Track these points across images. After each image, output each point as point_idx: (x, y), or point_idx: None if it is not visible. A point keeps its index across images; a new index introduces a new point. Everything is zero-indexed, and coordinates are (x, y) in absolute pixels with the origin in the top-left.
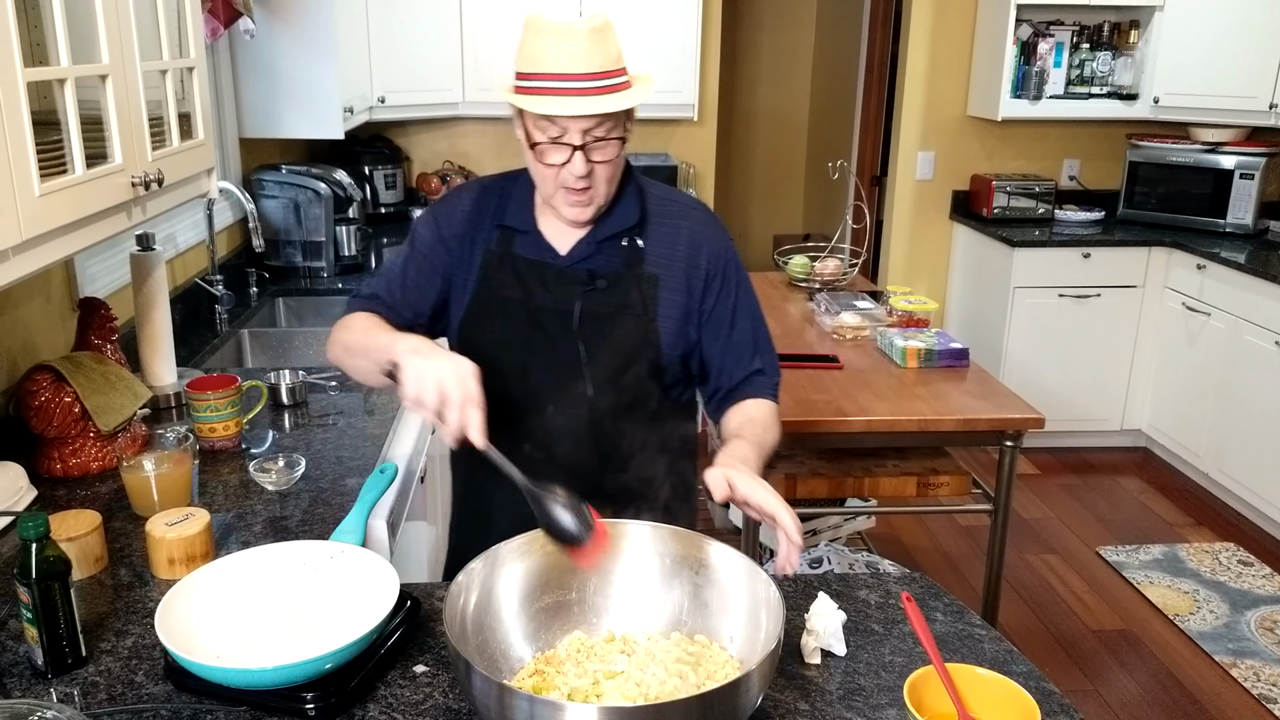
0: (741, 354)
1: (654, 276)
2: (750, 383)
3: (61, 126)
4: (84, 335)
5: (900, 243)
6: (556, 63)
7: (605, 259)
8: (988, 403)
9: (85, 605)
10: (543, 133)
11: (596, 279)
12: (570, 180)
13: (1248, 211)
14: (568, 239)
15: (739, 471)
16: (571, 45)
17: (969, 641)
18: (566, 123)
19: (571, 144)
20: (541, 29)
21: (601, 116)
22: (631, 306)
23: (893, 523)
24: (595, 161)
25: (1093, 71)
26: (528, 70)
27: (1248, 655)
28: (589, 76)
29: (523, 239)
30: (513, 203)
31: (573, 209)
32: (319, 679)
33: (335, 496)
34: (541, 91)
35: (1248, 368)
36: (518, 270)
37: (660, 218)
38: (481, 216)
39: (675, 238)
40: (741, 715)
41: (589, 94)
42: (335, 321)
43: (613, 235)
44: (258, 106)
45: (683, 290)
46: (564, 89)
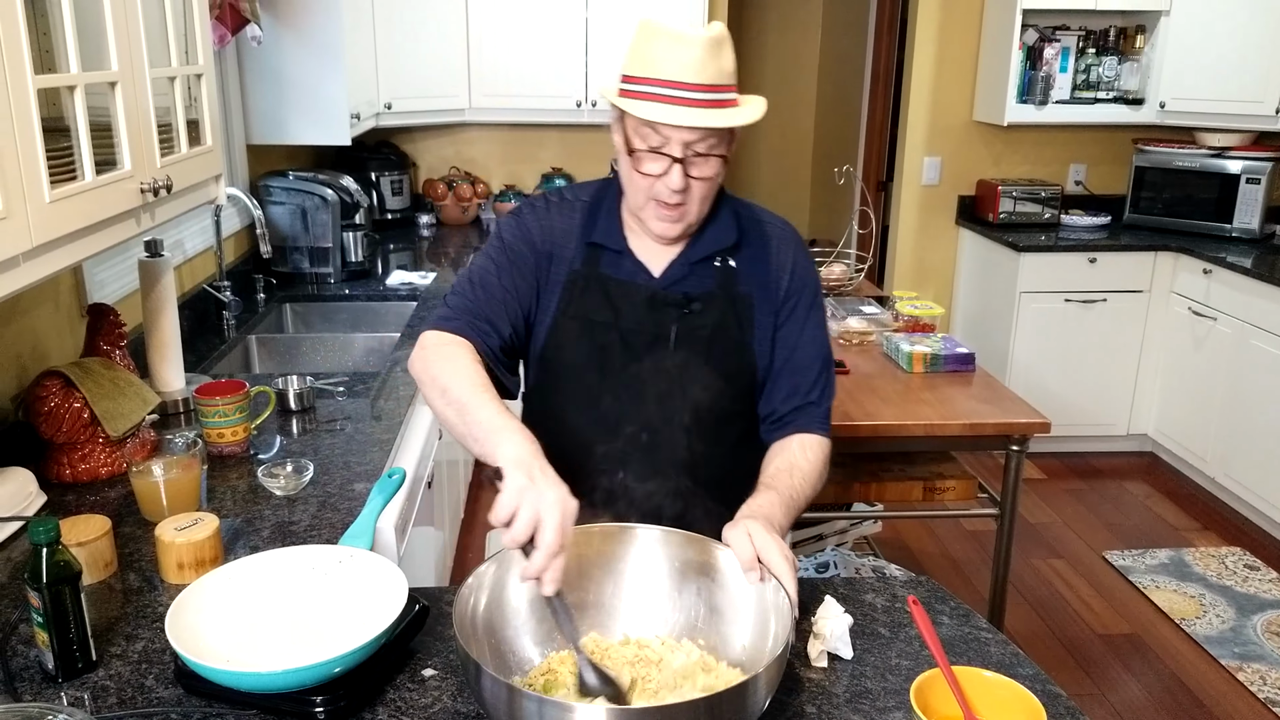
0: (799, 382)
1: (748, 297)
2: (802, 413)
3: (71, 133)
4: (93, 341)
5: (906, 248)
6: (668, 69)
7: (699, 280)
8: (994, 407)
9: (95, 610)
10: (643, 140)
11: (692, 301)
12: (664, 194)
13: (1254, 216)
14: (661, 259)
15: (758, 527)
16: (686, 53)
17: (975, 644)
18: (669, 132)
19: (671, 155)
20: (656, 33)
21: (706, 131)
22: (728, 329)
23: (899, 528)
24: (693, 177)
25: (1099, 76)
26: (637, 74)
27: (1254, 659)
28: (700, 88)
29: (611, 258)
30: (601, 219)
31: (661, 223)
32: (328, 682)
33: (343, 502)
34: (648, 97)
35: (1254, 372)
36: (607, 291)
37: (751, 237)
38: (568, 232)
39: (765, 257)
40: (749, 718)
41: (698, 105)
42: (428, 331)
43: (707, 256)
44: (265, 113)
45: (772, 313)
46: (673, 97)
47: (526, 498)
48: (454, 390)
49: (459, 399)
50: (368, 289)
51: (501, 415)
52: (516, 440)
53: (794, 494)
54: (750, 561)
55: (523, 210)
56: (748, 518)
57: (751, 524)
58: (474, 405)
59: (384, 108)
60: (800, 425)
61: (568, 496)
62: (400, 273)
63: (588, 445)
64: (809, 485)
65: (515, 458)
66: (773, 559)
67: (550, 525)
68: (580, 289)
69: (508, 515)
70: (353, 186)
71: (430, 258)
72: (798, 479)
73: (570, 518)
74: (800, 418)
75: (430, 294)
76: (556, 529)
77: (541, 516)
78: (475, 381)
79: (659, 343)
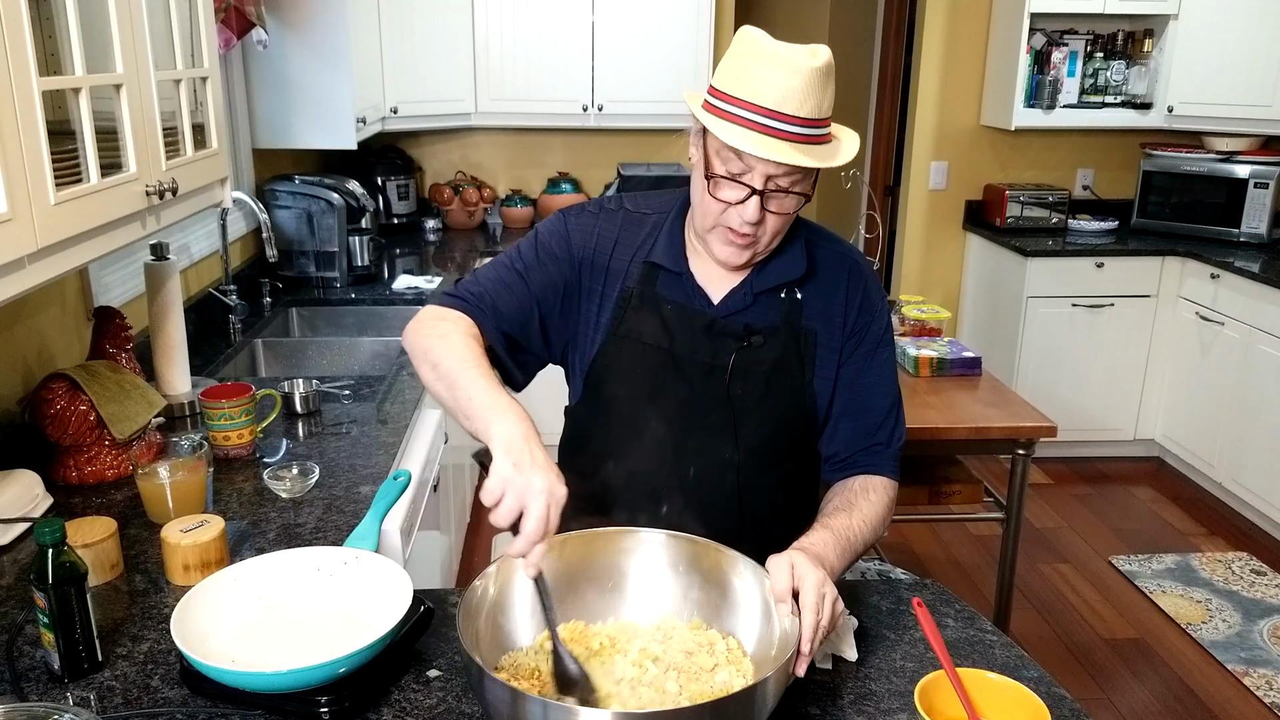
0: (866, 422)
1: (813, 332)
2: (869, 454)
3: (76, 136)
4: (99, 344)
5: (913, 252)
6: (769, 96)
7: (762, 311)
8: (1000, 411)
9: (101, 611)
10: (724, 164)
11: (754, 334)
12: (736, 222)
13: (1262, 221)
14: (722, 285)
15: (803, 559)
16: (790, 82)
17: (980, 647)
18: (754, 162)
19: (752, 186)
20: (759, 51)
21: (792, 166)
22: (788, 365)
23: (905, 531)
24: (770, 211)
25: (1106, 81)
26: (732, 93)
27: (1260, 664)
28: (799, 121)
29: (669, 279)
30: (663, 237)
31: (727, 249)
32: (333, 683)
33: (349, 504)
34: (740, 121)
35: (1261, 377)
36: (662, 314)
37: (821, 267)
38: (626, 247)
39: (833, 289)
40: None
41: (793, 140)
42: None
43: (773, 287)
44: (271, 117)
45: (837, 349)
46: (767, 127)
47: (513, 484)
48: (445, 364)
49: (449, 373)
50: (374, 293)
51: (492, 392)
52: (508, 420)
53: (851, 536)
54: (783, 594)
55: (569, 214)
56: (796, 549)
57: (797, 555)
58: (465, 381)
59: (390, 112)
60: (865, 467)
61: (556, 484)
62: (406, 277)
63: (630, 471)
64: (869, 528)
65: (506, 440)
66: (807, 592)
67: (533, 514)
68: (634, 308)
69: (494, 500)
70: (359, 191)
71: (436, 262)
72: (856, 520)
73: (556, 505)
74: (866, 459)
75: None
76: (539, 519)
77: (526, 504)
78: (467, 356)
79: (714, 373)
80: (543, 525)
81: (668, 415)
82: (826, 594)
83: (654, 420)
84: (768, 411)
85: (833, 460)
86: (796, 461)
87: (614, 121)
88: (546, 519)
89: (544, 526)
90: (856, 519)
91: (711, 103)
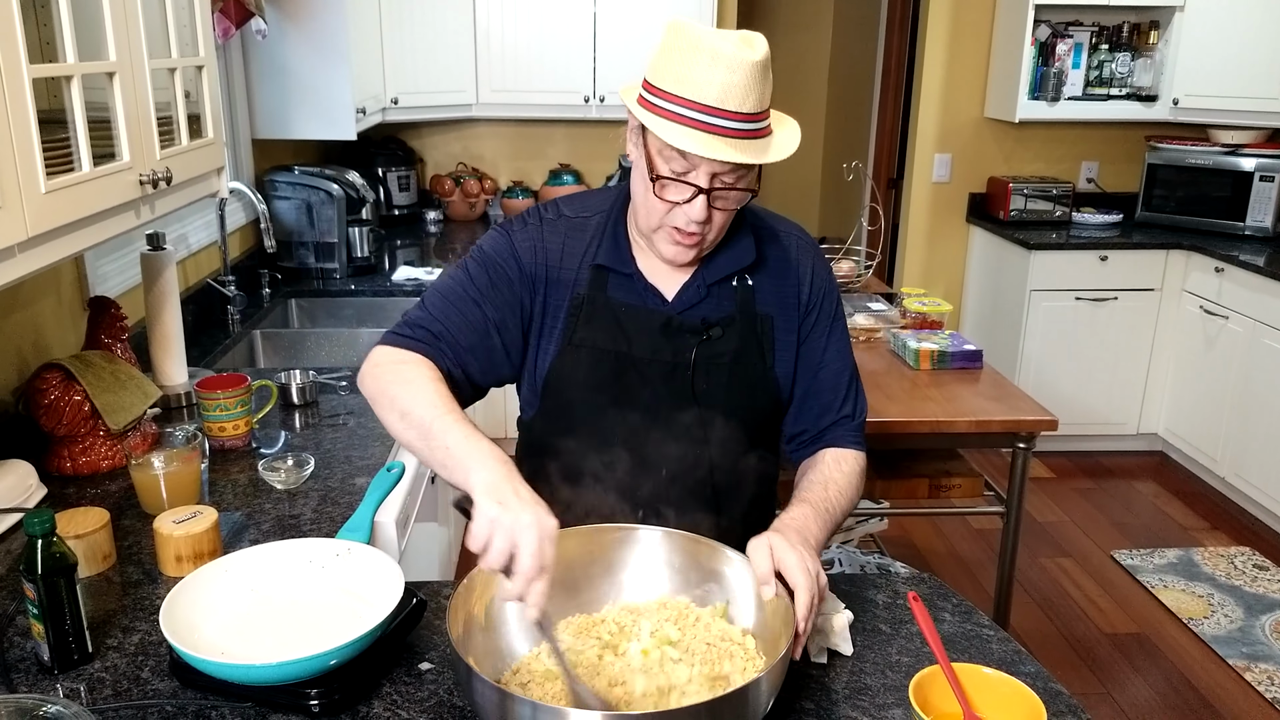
0: (829, 398)
1: (768, 317)
2: (835, 428)
3: (69, 124)
4: (94, 334)
5: (916, 245)
6: (708, 93)
7: (716, 303)
8: (1001, 404)
9: (93, 602)
10: (667, 164)
11: (710, 327)
12: (681, 221)
13: (1268, 214)
14: (673, 282)
15: (780, 540)
16: (731, 78)
17: (977, 642)
18: (699, 161)
19: (697, 185)
20: (694, 47)
21: (738, 164)
22: (749, 354)
23: (905, 525)
24: (716, 209)
25: (1111, 73)
26: (670, 90)
27: (1262, 659)
28: (742, 117)
29: (619, 281)
30: (606, 238)
31: (673, 248)
32: (324, 675)
33: (344, 496)
34: (682, 120)
35: (1266, 372)
36: (617, 318)
37: (768, 251)
38: (572, 255)
39: (783, 271)
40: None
41: (737, 136)
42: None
43: (724, 277)
44: (270, 107)
45: (793, 329)
46: (710, 125)
47: (500, 525)
48: (415, 413)
49: (422, 422)
50: (374, 285)
51: (469, 440)
52: (489, 465)
53: (830, 507)
54: (765, 575)
55: (511, 228)
56: (775, 531)
57: (775, 537)
58: (439, 429)
59: (390, 103)
60: (831, 441)
61: (544, 517)
62: (406, 269)
63: (601, 480)
64: (845, 499)
65: (487, 484)
66: (792, 572)
67: (526, 551)
68: (586, 315)
69: (482, 543)
70: (358, 182)
71: (437, 254)
72: (833, 492)
73: (549, 539)
74: (832, 433)
75: None
76: (533, 554)
77: (517, 542)
78: (437, 403)
79: (677, 372)
80: (538, 561)
81: (634, 420)
82: (808, 571)
83: (620, 427)
84: (734, 403)
85: (799, 438)
86: (766, 449)
87: (616, 113)
88: (540, 554)
89: (539, 562)
90: (833, 491)
91: (649, 100)
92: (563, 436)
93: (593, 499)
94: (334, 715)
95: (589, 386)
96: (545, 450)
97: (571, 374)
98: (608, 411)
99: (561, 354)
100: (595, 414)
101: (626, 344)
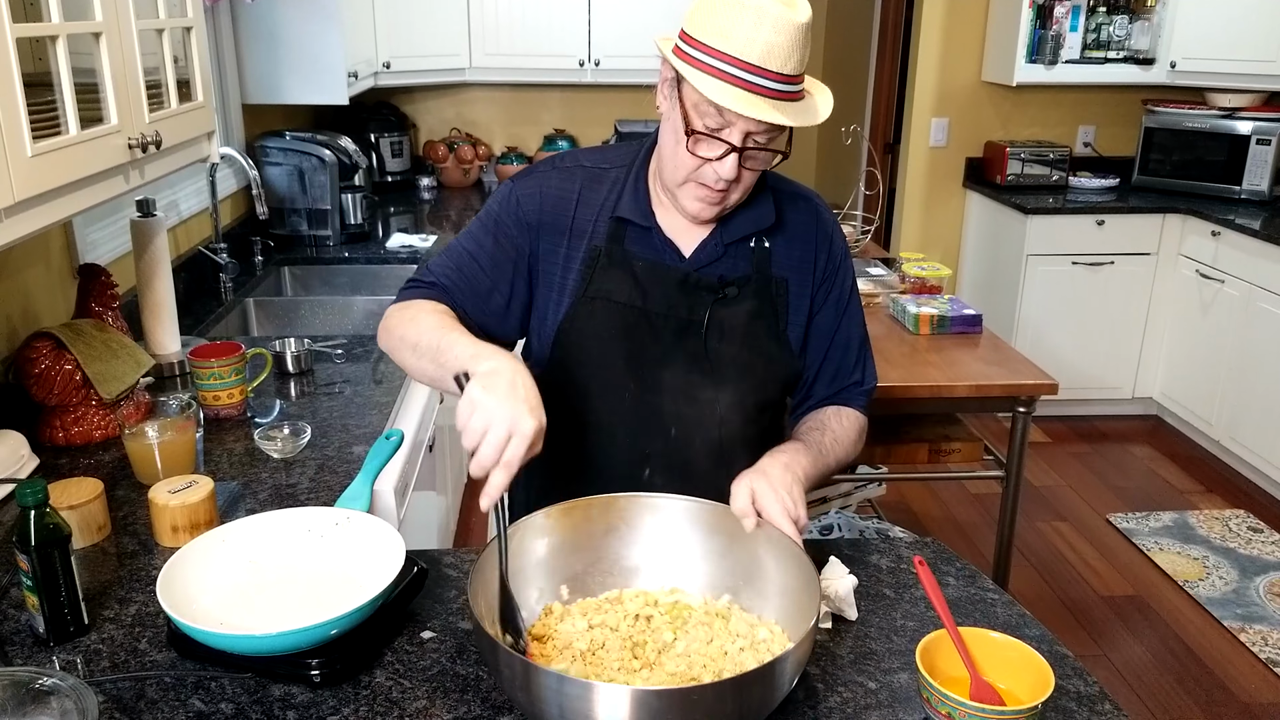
0: (841, 365)
1: (784, 280)
2: (844, 393)
3: (54, 86)
4: (84, 302)
5: (914, 210)
6: (752, 51)
7: (733, 262)
8: (1001, 369)
9: (88, 573)
10: (702, 119)
11: (726, 286)
12: (710, 178)
13: (1263, 178)
14: (692, 238)
15: (761, 481)
16: (777, 38)
17: (981, 606)
18: (734, 118)
19: (730, 142)
20: (743, 2)
21: (774, 124)
22: (763, 315)
23: (904, 491)
24: (745, 168)
25: (1109, 36)
26: (713, 44)
27: (1256, 620)
28: (782, 78)
29: (637, 234)
30: (628, 191)
31: (698, 204)
32: (324, 645)
33: (341, 464)
34: (723, 76)
35: (1261, 335)
36: (634, 272)
37: (787, 214)
38: (589, 205)
39: (801, 236)
40: (777, 698)
41: (777, 97)
42: (391, 305)
43: (743, 237)
44: (260, 72)
45: (807, 294)
46: (750, 84)
47: (479, 408)
48: (423, 341)
49: (430, 346)
50: (367, 252)
51: (476, 344)
52: (496, 357)
53: (823, 449)
54: (744, 510)
55: (516, 182)
56: (756, 471)
57: (756, 479)
58: (445, 344)
59: (382, 67)
60: (838, 401)
61: (522, 416)
62: (401, 235)
63: (610, 436)
64: (841, 448)
65: (487, 370)
66: (770, 508)
67: (490, 441)
68: (603, 267)
69: (461, 424)
70: (351, 148)
71: (431, 220)
72: (828, 438)
73: (521, 437)
74: (840, 397)
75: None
76: (494, 446)
77: (492, 428)
78: (441, 326)
79: (691, 329)
80: (496, 453)
81: (646, 376)
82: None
83: (632, 382)
84: (746, 363)
85: (808, 403)
86: (775, 411)
87: (611, 77)
88: (500, 448)
89: (497, 454)
90: (829, 437)
91: (687, 52)
92: (573, 388)
93: (598, 454)
94: (335, 685)
95: (603, 341)
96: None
97: (585, 326)
98: (619, 366)
99: (576, 306)
100: (606, 368)
101: (642, 299)
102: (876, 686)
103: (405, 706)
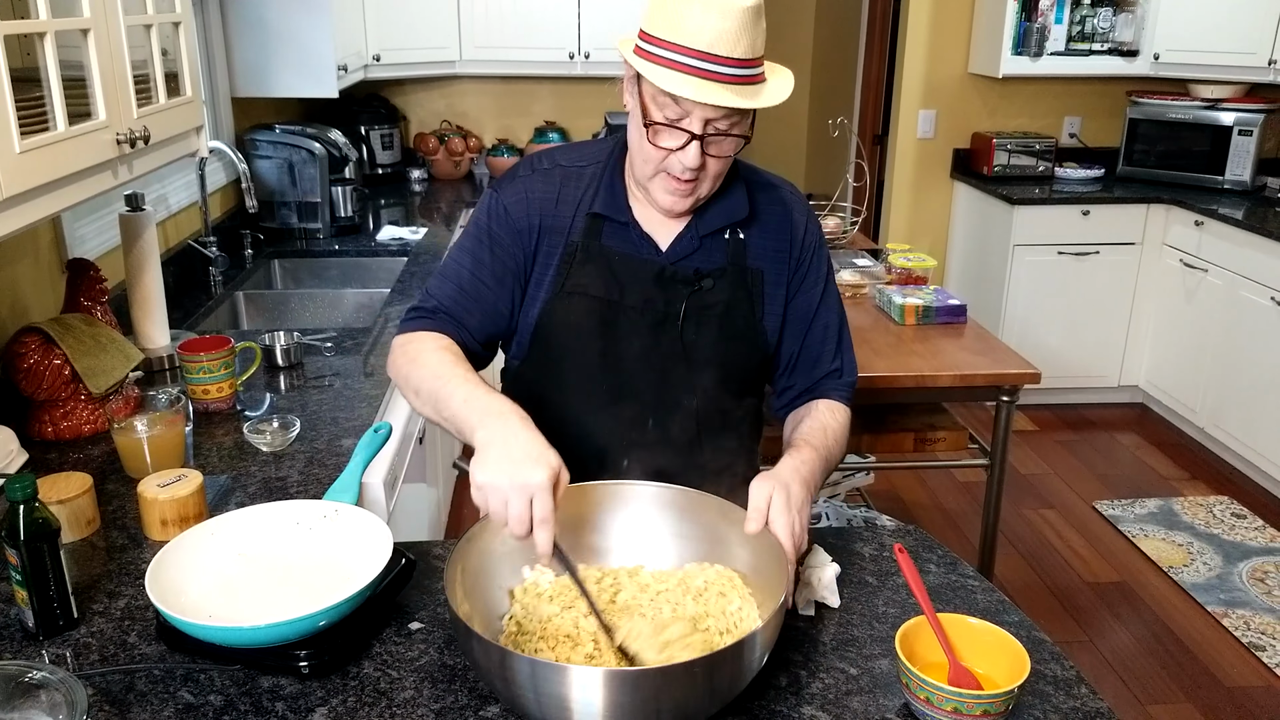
0: (820, 353)
1: (759, 271)
2: (826, 382)
3: (43, 82)
4: (73, 297)
5: (901, 201)
6: (702, 38)
7: (708, 255)
8: (985, 358)
9: (77, 567)
10: (660, 110)
11: (702, 278)
12: (677, 169)
13: (1246, 168)
14: (668, 231)
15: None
16: (724, 24)
17: (962, 592)
18: (691, 107)
19: (690, 131)
20: None
21: (729, 108)
22: (739, 306)
23: (891, 479)
24: (710, 155)
25: (1094, 28)
26: (664, 37)
27: (1239, 605)
28: (734, 63)
29: (614, 229)
30: (604, 188)
31: (669, 197)
32: (313, 636)
33: (331, 457)
34: (674, 65)
35: (1244, 324)
36: (610, 266)
37: (760, 205)
38: (567, 203)
39: (775, 226)
40: (747, 676)
41: (730, 82)
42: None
43: (718, 229)
44: (249, 64)
45: (782, 284)
46: (703, 70)
47: (491, 492)
48: (425, 387)
49: (431, 394)
50: (358, 244)
51: (471, 400)
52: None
53: (829, 454)
54: (759, 512)
55: (500, 187)
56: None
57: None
58: (445, 394)
59: (372, 59)
60: (822, 394)
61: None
62: (391, 228)
63: (586, 430)
64: (840, 448)
65: (481, 445)
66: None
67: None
68: (579, 262)
69: (481, 501)
70: (341, 140)
71: (422, 213)
72: (832, 439)
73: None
74: (823, 386)
75: (421, 250)
76: (518, 519)
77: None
78: (441, 371)
79: (667, 321)
80: (527, 520)
81: (622, 369)
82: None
83: (609, 375)
84: (722, 355)
85: (789, 392)
86: (752, 402)
87: (601, 69)
88: (528, 512)
89: (529, 520)
90: (832, 438)
91: (643, 47)
92: (550, 383)
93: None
94: (324, 676)
95: (579, 335)
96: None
97: (563, 320)
98: (597, 360)
99: (553, 300)
100: (584, 361)
101: (619, 292)
102: (858, 672)
103: (393, 697)
